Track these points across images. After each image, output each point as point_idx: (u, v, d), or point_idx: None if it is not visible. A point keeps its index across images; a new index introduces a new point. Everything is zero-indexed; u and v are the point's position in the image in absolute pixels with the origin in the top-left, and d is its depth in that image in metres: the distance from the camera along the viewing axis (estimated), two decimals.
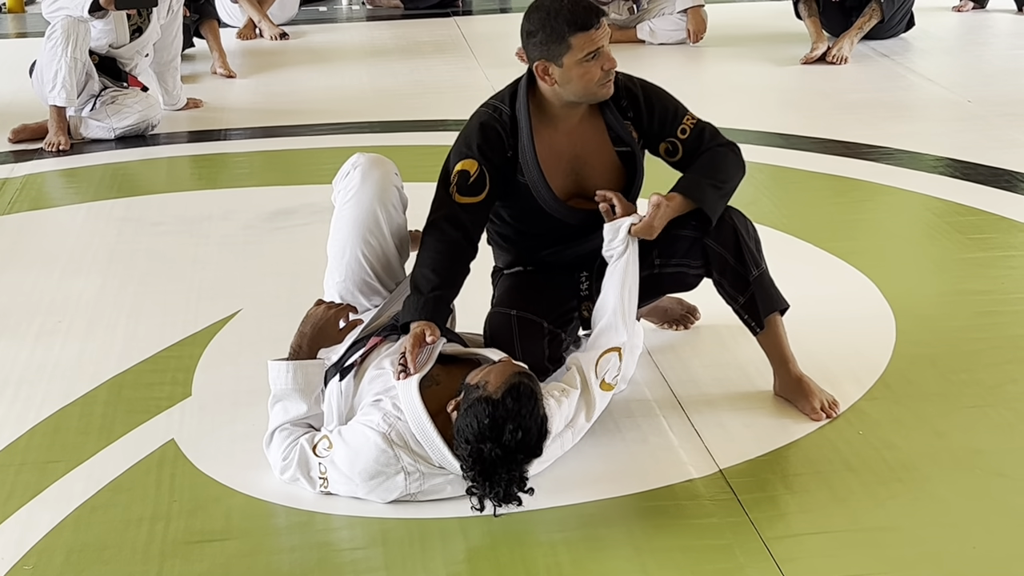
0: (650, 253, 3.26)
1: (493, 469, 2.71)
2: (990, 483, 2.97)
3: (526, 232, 3.38)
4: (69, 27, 5.83)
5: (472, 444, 2.72)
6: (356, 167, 3.27)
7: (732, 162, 3.29)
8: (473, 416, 2.73)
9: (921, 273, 4.23)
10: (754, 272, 3.23)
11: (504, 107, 3.24)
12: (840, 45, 7.16)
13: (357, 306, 3.24)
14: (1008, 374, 3.47)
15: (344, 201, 3.27)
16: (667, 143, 3.29)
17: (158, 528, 2.89)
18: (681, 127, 3.28)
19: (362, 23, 9.14)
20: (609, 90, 3.18)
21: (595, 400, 3.09)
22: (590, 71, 3.12)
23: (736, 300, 3.27)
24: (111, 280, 4.36)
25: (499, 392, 2.74)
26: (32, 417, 3.40)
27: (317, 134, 6.06)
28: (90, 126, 6.05)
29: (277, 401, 3.03)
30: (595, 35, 3.10)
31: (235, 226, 4.84)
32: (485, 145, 3.20)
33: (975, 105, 6.22)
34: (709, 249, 3.24)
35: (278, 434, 3.01)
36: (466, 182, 3.18)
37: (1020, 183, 5.01)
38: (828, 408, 3.26)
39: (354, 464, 2.88)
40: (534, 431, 2.74)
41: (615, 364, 3.14)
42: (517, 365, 2.89)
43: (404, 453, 2.85)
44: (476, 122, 3.25)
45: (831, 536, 2.79)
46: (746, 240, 3.23)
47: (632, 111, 3.27)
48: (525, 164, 3.22)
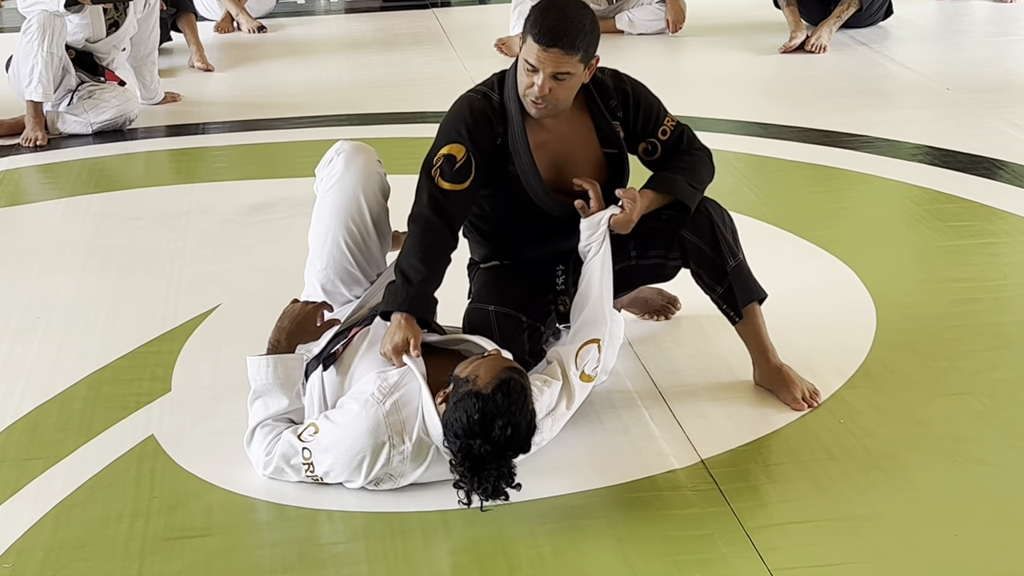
0: (626, 246, 3.26)
1: (482, 465, 2.70)
2: (970, 470, 2.97)
3: (507, 225, 3.36)
4: (45, 22, 5.80)
5: (461, 439, 2.71)
6: (340, 153, 3.26)
7: (706, 168, 3.32)
8: (463, 410, 2.72)
9: (901, 261, 4.24)
10: (731, 263, 3.23)
11: (493, 94, 3.20)
12: (819, 34, 7.16)
13: (338, 295, 3.23)
14: (988, 361, 3.47)
15: (327, 187, 3.26)
16: (647, 143, 3.29)
17: (138, 525, 2.88)
18: (662, 128, 3.28)
19: (340, 16, 9.11)
20: (534, 110, 3.12)
21: (575, 391, 3.09)
22: (525, 75, 3.09)
23: (714, 290, 3.27)
24: (89, 276, 4.34)
25: (489, 387, 2.72)
26: (11, 414, 3.39)
27: (296, 127, 6.04)
28: (67, 121, 6.02)
29: (257, 397, 3.02)
30: (539, 53, 3.03)
31: (214, 220, 4.82)
32: (475, 130, 3.15)
33: (954, 93, 6.23)
34: (686, 241, 3.24)
35: (259, 431, 3.00)
36: (451, 167, 3.12)
37: (999, 171, 5.02)
38: (809, 397, 3.26)
39: (342, 440, 2.87)
40: (523, 427, 2.74)
41: (594, 356, 3.13)
42: (507, 359, 2.89)
43: (394, 424, 2.83)
44: (465, 106, 3.19)
45: (813, 525, 2.79)
46: (722, 230, 3.24)
47: (622, 110, 3.24)
48: (516, 153, 3.18)
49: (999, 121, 5.71)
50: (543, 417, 2.99)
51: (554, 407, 3.05)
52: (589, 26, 3.09)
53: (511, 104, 3.17)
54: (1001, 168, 5.04)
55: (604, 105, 3.23)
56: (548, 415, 3.03)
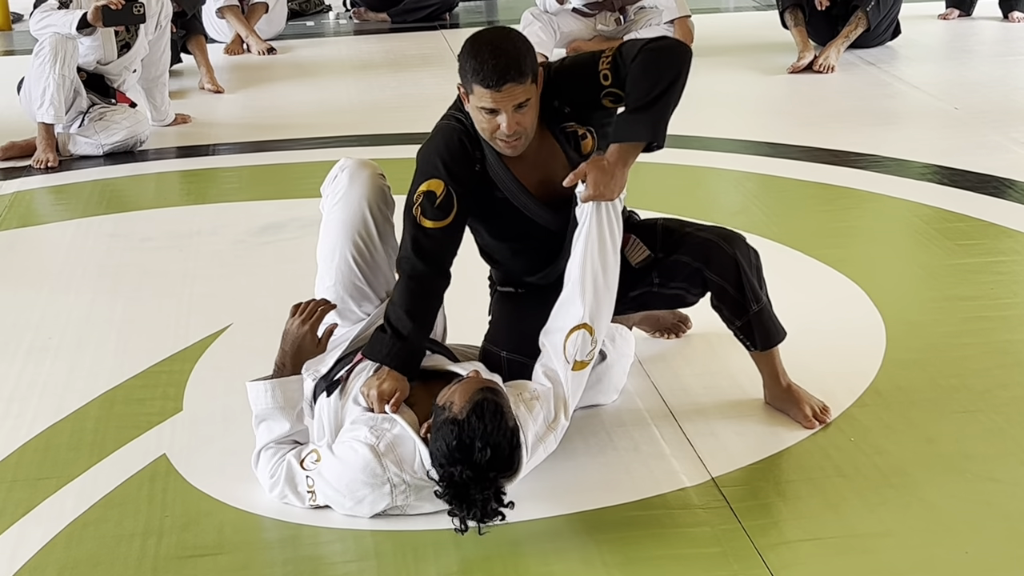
0: (649, 274, 3.24)
1: (466, 491, 2.70)
2: (981, 488, 2.97)
3: (512, 249, 3.30)
4: (57, 44, 5.84)
5: (445, 467, 2.72)
6: (343, 170, 3.26)
7: (652, 64, 2.99)
8: (442, 439, 2.73)
9: (910, 279, 4.24)
10: (754, 307, 3.21)
11: (464, 116, 3.09)
12: (827, 54, 7.18)
13: (348, 312, 3.23)
14: (997, 379, 3.48)
15: (332, 204, 3.26)
16: (606, 98, 3.06)
17: (150, 543, 2.88)
18: (602, 74, 3.03)
19: (349, 37, 9.15)
20: (509, 150, 3.03)
21: (568, 396, 3.02)
22: (490, 122, 2.98)
23: (733, 323, 3.26)
24: (101, 296, 4.36)
25: (463, 412, 2.72)
26: (23, 434, 3.40)
27: (306, 148, 6.06)
28: (78, 143, 6.05)
29: (260, 421, 3.03)
30: (493, 95, 2.92)
31: (224, 241, 4.84)
32: (452, 162, 3.05)
33: (962, 112, 6.24)
34: (709, 281, 3.21)
35: (264, 453, 3.02)
36: (432, 204, 3.03)
37: (1007, 189, 5.02)
38: (820, 415, 3.27)
39: (341, 476, 2.88)
40: (504, 446, 2.72)
41: (586, 340, 3.02)
42: (482, 380, 2.86)
43: (391, 464, 2.84)
44: (439, 138, 3.10)
45: (824, 543, 2.79)
46: (748, 274, 3.19)
47: (568, 106, 3.08)
48: (497, 177, 3.10)
49: (1007, 140, 5.71)
50: (545, 432, 2.98)
51: (553, 418, 3.00)
52: (523, 45, 2.97)
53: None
54: (1009, 187, 5.05)
55: (549, 109, 3.05)
56: (549, 430, 3.00)
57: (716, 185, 5.34)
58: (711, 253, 3.21)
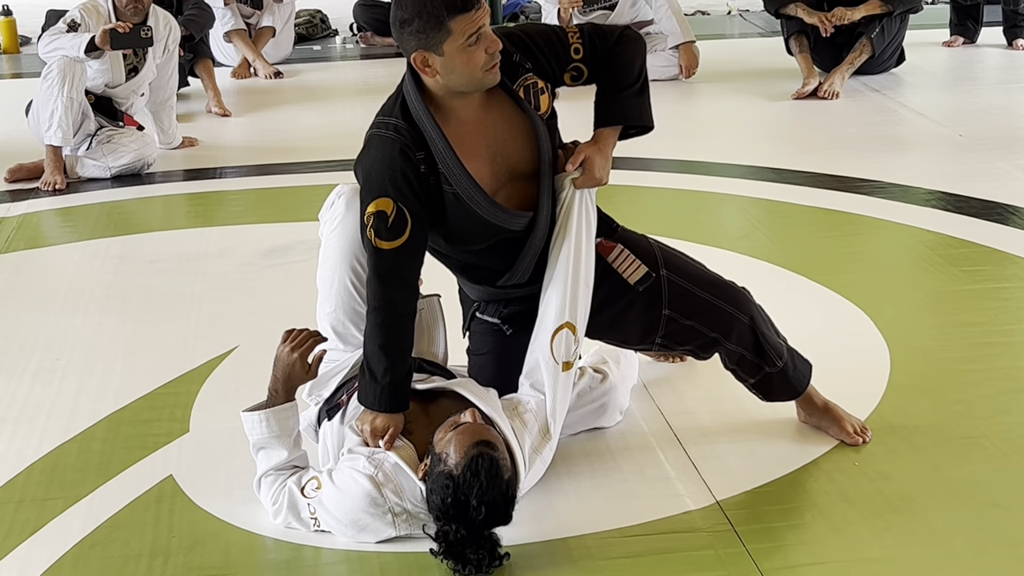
0: (652, 334, 3.19)
1: (461, 550, 2.72)
2: (986, 514, 2.97)
3: (469, 260, 3.17)
4: (65, 67, 5.87)
5: (440, 521, 2.74)
6: (340, 196, 3.25)
7: (631, 50, 3.04)
8: (437, 494, 2.74)
9: (914, 305, 4.25)
10: (778, 364, 3.23)
11: (396, 120, 2.92)
12: (831, 80, 7.20)
13: (350, 337, 3.23)
14: (1002, 405, 3.48)
15: (330, 230, 3.26)
16: (569, 71, 3.03)
17: (157, 564, 2.89)
18: (573, 47, 3.00)
19: (356, 61, 9.19)
20: (495, 76, 2.89)
21: (558, 402, 3.04)
22: (473, 57, 2.83)
23: (746, 381, 3.28)
24: (108, 318, 4.38)
25: (459, 467, 2.72)
26: (30, 454, 3.41)
27: (312, 171, 6.08)
28: (86, 165, 6.07)
29: (259, 449, 3.04)
30: (475, 16, 2.81)
31: (231, 263, 4.86)
32: (395, 174, 2.89)
33: (966, 139, 6.26)
34: (728, 350, 3.21)
35: (264, 481, 3.03)
36: (385, 225, 2.89)
37: (1012, 216, 5.04)
38: (861, 432, 3.28)
39: (342, 506, 2.88)
40: (500, 503, 2.73)
41: (569, 339, 3.02)
42: (478, 432, 2.80)
43: (391, 493, 2.85)
44: (374, 151, 2.94)
45: (829, 567, 2.79)
46: (765, 336, 3.19)
47: (529, 61, 3.00)
48: (447, 170, 2.92)
49: (1011, 167, 5.73)
50: (540, 443, 2.99)
51: (546, 428, 3.01)
52: None
53: (423, 119, 2.91)
54: (1014, 213, 5.06)
55: (508, 64, 2.95)
56: (544, 440, 3.00)
57: (721, 210, 5.36)
58: (730, 325, 3.17)
